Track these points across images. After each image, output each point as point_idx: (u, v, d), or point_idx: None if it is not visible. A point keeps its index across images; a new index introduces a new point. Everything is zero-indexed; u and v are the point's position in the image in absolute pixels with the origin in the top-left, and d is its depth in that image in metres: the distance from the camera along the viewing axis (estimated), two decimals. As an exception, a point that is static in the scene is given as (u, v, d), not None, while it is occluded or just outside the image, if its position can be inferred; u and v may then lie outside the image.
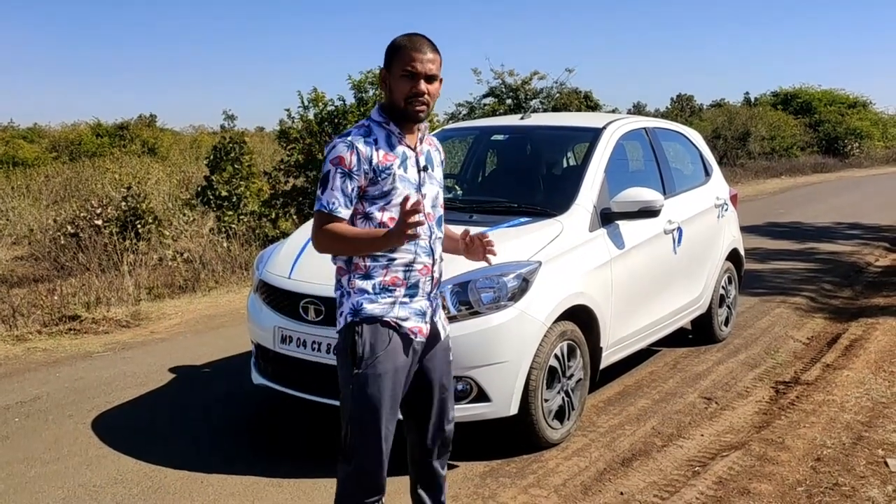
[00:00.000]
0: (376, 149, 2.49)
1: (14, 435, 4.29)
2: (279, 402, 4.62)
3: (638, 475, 3.71)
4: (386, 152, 2.50)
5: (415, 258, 2.55)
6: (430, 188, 2.62)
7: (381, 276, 2.52)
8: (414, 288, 2.56)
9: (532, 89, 19.08)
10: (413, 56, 2.47)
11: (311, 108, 10.88)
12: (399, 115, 2.53)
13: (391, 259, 2.51)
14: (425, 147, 2.66)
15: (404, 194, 2.48)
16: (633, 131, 5.32)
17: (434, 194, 2.65)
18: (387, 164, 2.49)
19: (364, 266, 2.52)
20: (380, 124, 2.55)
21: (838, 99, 36.98)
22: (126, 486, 3.63)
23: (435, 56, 2.51)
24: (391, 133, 2.54)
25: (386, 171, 2.49)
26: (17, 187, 15.78)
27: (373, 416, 2.49)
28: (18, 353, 5.96)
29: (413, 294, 2.56)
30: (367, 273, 2.52)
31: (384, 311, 2.51)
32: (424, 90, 2.49)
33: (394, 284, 2.53)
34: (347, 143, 2.47)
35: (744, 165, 26.36)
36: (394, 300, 2.53)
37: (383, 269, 2.52)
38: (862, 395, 4.72)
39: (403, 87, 2.48)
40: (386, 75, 2.54)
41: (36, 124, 30.65)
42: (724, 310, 6.01)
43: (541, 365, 3.82)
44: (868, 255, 10.20)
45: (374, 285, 2.51)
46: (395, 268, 2.52)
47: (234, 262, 8.96)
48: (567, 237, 4.20)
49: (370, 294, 2.51)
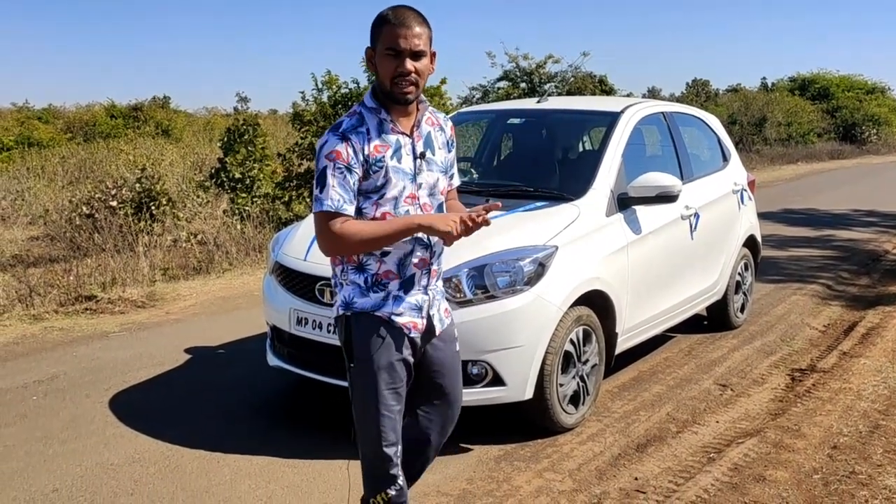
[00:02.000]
0: (368, 139, 2.35)
1: (32, 413, 4.33)
2: (294, 384, 4.64)
3: (653, 461, 3.70)
4: (378, 143, 2.36)
5: (412, 251, 2.44)
6: (427, 176, 2.47)
7: (374, 269, 2.43)
8: (409, 281, 2.46)
9: (547, 73, 18.93)
10: (397, 32, 2.30)
11: (324, 90, 10.85)
12: (387, 99, 2.39)
13: (385, 252, 2.41)
14: (425, 129, 2.49)
15: (399, 187, 2.39)
16: (651, 116, 5.27)
17: (433, 182, 2.49)
18: (378, 156, 2.35)
19: (357, 258, 2.43)
20: (371, 111, 2.40)
21: (856, 85, 36.60)
22: (143, 466, 3.66)
23: (422, 30, 2.33)
24: (383, 120, 2.39)
25: (378, 164, 2.35)
26: (33, 168, 15.86)
27: (369, 408, 2.45)
28: (35, 332, 6.01)
29: (408, 288, 2.46)
30: (361, 265, 2.43)
31: (376, 305, 2.43)
32: (411, 69, 2.32)
33: (387, 278, 2.43)
34: (339, 136, 2.33)
35: (760, 151, 26.14)
36: (386, 294, 2.44)
37: (377, 262, 2.42)
38: (879, 384, 4.68)
39: (388, 67, 2.32)
40: (372, 54, 2.39)
41: (51, 105, 30.70)
42: (739, 296, 5.98)
43: (556, 350, 3.82)
44: (886, 242, 10.10)
45: (366, 279, 2.43)
46: (388, 261, 2.42)
47: (247, 244, 8.98)
48: (583, 222, 4.17)
49: (362, 287, 2.44)
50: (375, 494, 2.54)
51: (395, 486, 2.53)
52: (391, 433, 2.48)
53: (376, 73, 2.40)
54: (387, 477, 2.52)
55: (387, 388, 2.44)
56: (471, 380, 3.68)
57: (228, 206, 10.93)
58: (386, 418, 2.45)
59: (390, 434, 2.47)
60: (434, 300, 2.56)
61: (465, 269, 3.68)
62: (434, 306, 2.56)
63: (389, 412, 2.46)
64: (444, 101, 12.25)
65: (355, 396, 2.49)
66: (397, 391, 2.47)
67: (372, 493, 2.55)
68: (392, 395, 2.46)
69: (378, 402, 2.44)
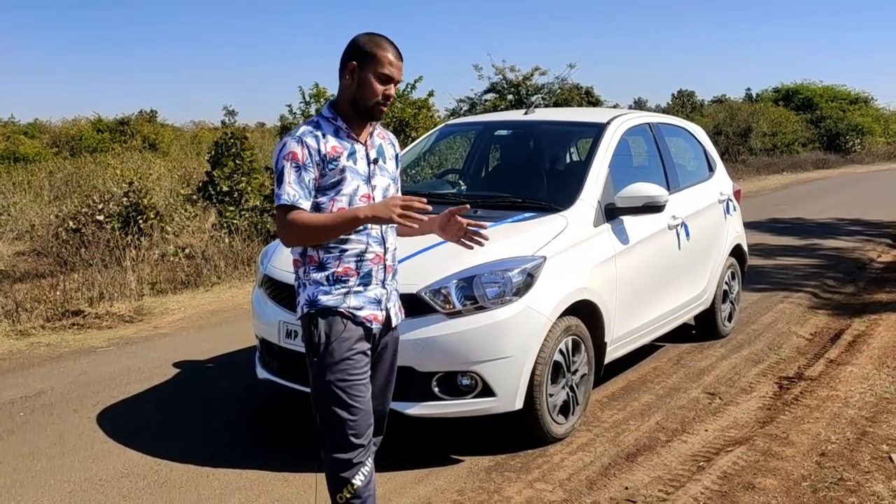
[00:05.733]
0: (325, 141, 2.55)
1: (19, 430, 4.29)
2: (284, 397, 4.63)
3: (643, 470, 3.71)
4: (335, 144, 2.57)
5: (367, 248, 2.61)
6: (380, 180, 2.68)
7: (334, 266, 2.58)
8: (367, 277, 2.62)
9: (533, 85, 19.08)
10: (391, 61, 2.56)
11: (312, 103, 10.91)
12: (360, 113, 2.59)
13: (343, 250, 2.58)
14: (377, 140, 2.71)
15: (353, 185, 2.58)
16: (637, 126, 5.32)
17: (385, 185, 2.69)
18: (334, 156, 2.56)
19: (318, 258, 2.59)
20: (328, 120, 2.62)
21: (840, 95, 36.93)
22: (132, 481, 3.63)
23: (401, 63, 2.62)
24: (339, 128, 2.61)
25: (333, 163, 2.55)
26: (19, 183, 15.76)
27: (331, 402, 2.56)
28: (22, 347, 5.96)
29: (367, 283, 2.62)
30: (321, 264, 2.59)
31: (338, 301, 2.58)
32: (393, 94, 2.61)
33: (346, 274, 2.59)
34: (296, 139, 2.54)
35: (745, 161, 26.32)
36: (347, 290, 2.59)
37: (336, 259, 2.58)
38: (866, 391, 4.72)
39: (377, 90, 2.56)
40: (355, 69, 2.57)
41: (37, 120, 30.57)
42: (727, 305, 6.02)
43: (546, 360, 3.83)
44: (870, 251, 10.19)
45: (327, 276, 2.58)
46: (347, 258, 2.59)
47: (236, 257, 8.95)
48: (571, 232, 4.20)
49: (324, 286, 2.58)
50: (342, 488, 2.60)
51: (360, 475, 2.60)
52: (359, 422, 2.57)
53: (356, 88, 2.58)
54: (349, 465, 2.58)
55: (351, 377, 2.56)
56: (461, 391, 3.69)
57: (216, 220, 10.90)
58: (354, 409, 2.56)
59: (357, 423, 2.57)
60: (391, 294, 2.72)
61: (454, 280, 3.69)
62: (391, 300, 2.72)
63: (354, 402, 2.56)
64: (432, 114, 12.30)
65: (321, 391, 2.58)
66: (361, 380, 2.59)
67: (338, 489, 2.61)
68: (356, 385, 2.57)
69: (344, 393, 2.55)
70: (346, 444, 2.58)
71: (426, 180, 6.48)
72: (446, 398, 3.68)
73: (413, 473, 3.63)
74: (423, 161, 6.49)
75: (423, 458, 3.80)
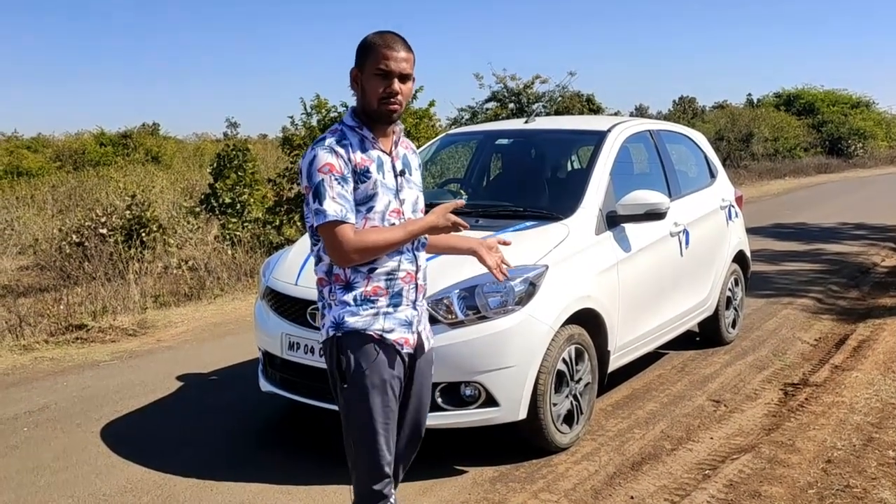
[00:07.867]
0: (353, 151, 2.40)
1: (23, 444, 4.29)
2: (287, 410, 4.62)
3: (648, 479, 3.70)
4: (363, 156, 2.41)
5: (399, 265, 2.46)
6: (408, 193, 2.53)
7: (362, 286, 2.43)
8: (397, 297, 2.47)
9: (534, 93, 19.06)
10: (387, 54, 2.39)
11: (314, 114, 10.90)
12: (372, 117, 2.45)
13: (372, 268, 2.42)
14: (401, 150, 2.56)
15: (385, 200, 2.43)
16: (638, 134, 5.32)
17: (413, 199, 2.55)
18: (365, 167, 2.41)
19: (345, 277, 2.43)
20: (353, 129, 2.46)
21: (841, 99, 36.96)
22: (136, 495, 3.62)
23: (409, 55, 2.43)
24: (364, 138, 2.45)
25: (365, 175, 2.40)
26: (22, 197, 15.81)
27: (364, 430, 2.44)
28: (26, 362, 5.96)
29: (397, 304, 2.47)
30: (349, 284, 2.43)
31: (367, 323, 2.43)
32: (398, 90, 2.40)
33: (376, 294, 2.44)
34: (327, 149, 2.38)
35: (747, 167, 26.32)
36: (377, 311, 2.44)
37: (364, 279, 2.43)
38: (871, 397, 4.70)
39: (377, 87, 2.40)
40: (357, 75, 2.45)
41: (40, 134, 30.72)
42: (730, 312, 6.00)
43: (549, 369, 3.82)
44: (874, 255, 10.17)
45: (355, 297, 2.43)
46: (376, 277, 2.43)
47: (239, 269, 8.96)
48: (573, 240, 4.19)
49: (351, 306, 2.43)
50: None
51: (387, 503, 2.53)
52: (387, 451, 2.48)
53: (361, 94, 2.46)
54: (379, 496, 2.51)
55: (382, 407, 2.44)
56: (464, 401, 3.68)
57: (219, 232, 10.92)
58: (382, 437, 2.45)
59: (386, 453, 2.48)
60: (422, 316, 2.58)
61: (456, 289, 3.69)
62: (422, 323, 2.58)
63: (385, 431, 2.46)
64: (433, 123, 12.31)
65: (350, 417, 2.47)
66: (391, 408, 2.47)
67: None
68: (387, 413, 2.46)
69: (374, 422, 2.43)
70: (379, 473, 2.47)
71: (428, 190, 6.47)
72: (450, 409, 3.67)
73: (417, 485, 3.62)
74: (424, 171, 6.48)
75: (427, 469, 3.77)
